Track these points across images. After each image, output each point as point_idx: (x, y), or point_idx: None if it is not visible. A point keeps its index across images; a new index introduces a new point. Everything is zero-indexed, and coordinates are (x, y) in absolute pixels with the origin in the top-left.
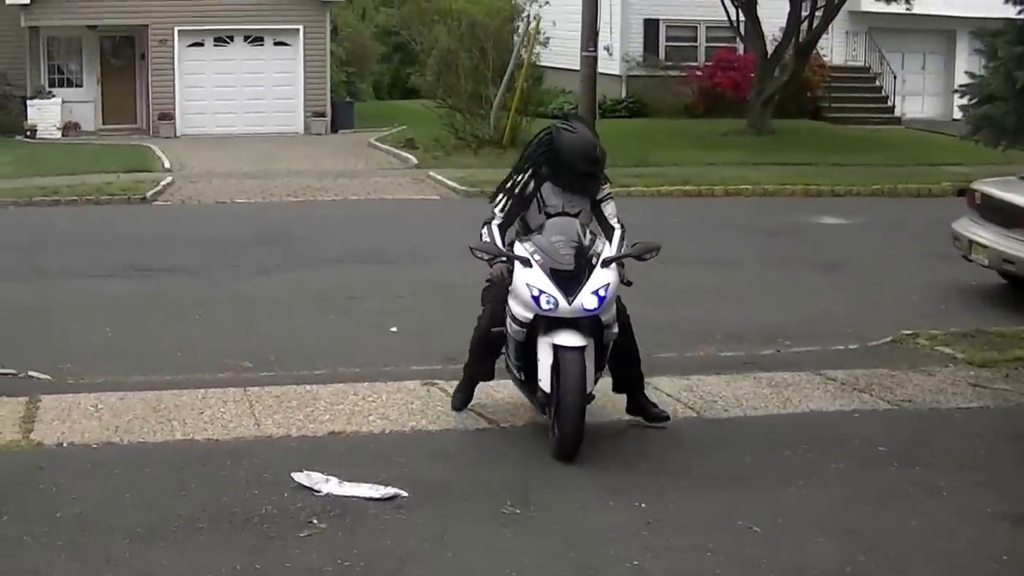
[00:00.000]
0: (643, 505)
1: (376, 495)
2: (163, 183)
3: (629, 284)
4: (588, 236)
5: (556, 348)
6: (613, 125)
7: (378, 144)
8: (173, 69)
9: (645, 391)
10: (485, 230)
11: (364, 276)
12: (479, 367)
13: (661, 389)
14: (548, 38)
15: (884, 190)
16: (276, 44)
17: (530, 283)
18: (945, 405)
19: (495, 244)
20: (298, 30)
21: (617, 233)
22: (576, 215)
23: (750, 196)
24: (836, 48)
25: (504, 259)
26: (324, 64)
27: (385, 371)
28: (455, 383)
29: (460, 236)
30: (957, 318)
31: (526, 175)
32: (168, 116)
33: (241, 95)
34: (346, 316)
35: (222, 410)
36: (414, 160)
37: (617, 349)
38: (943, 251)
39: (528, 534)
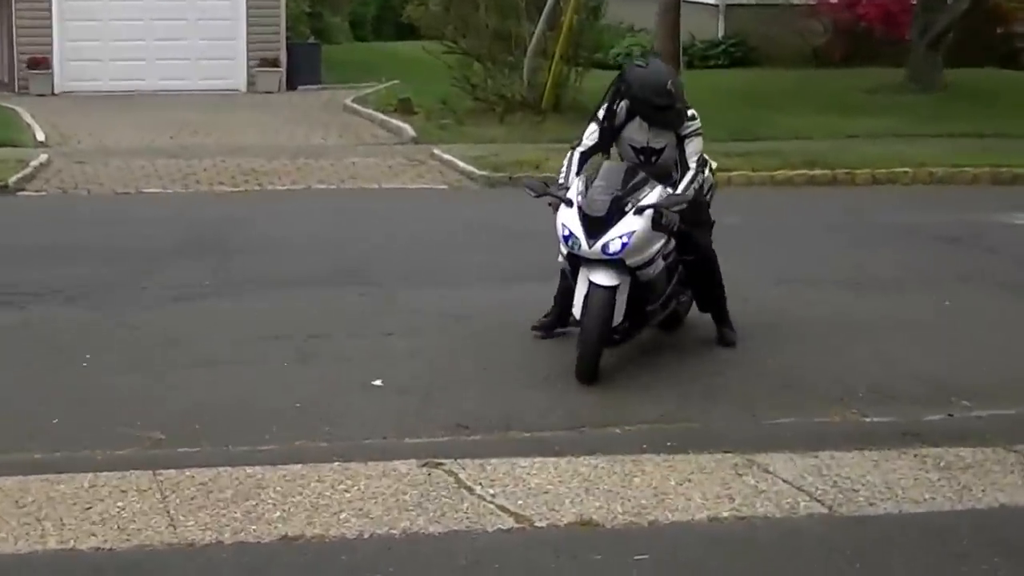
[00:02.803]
0: None
1: None
2: (33, 164)
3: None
4: (637, 179)
5: (590, 282)
6: (706, 78)
7: (357, 107)
8: None
9: (726, 314)
10: (568, 156)
11: (336, 304)
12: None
13: (776, 473)
14: None
15: None
16: None
17: (564, 222)
18: None
19: (565, 175)
20: None
21: (688, 175)
22: (661, 150)
23: (910, 184)
24: None
25: (551, 196)
26: None
27: (365, 445)
28: (467, 462)
29: (479, 244)
30: None
31: (609, 107)
32: (42, 64)
33: (152, 34)
34: (308, 363)
35: (120, 504)
36: (411, 131)
37: (694, 271)
38: None
39: None
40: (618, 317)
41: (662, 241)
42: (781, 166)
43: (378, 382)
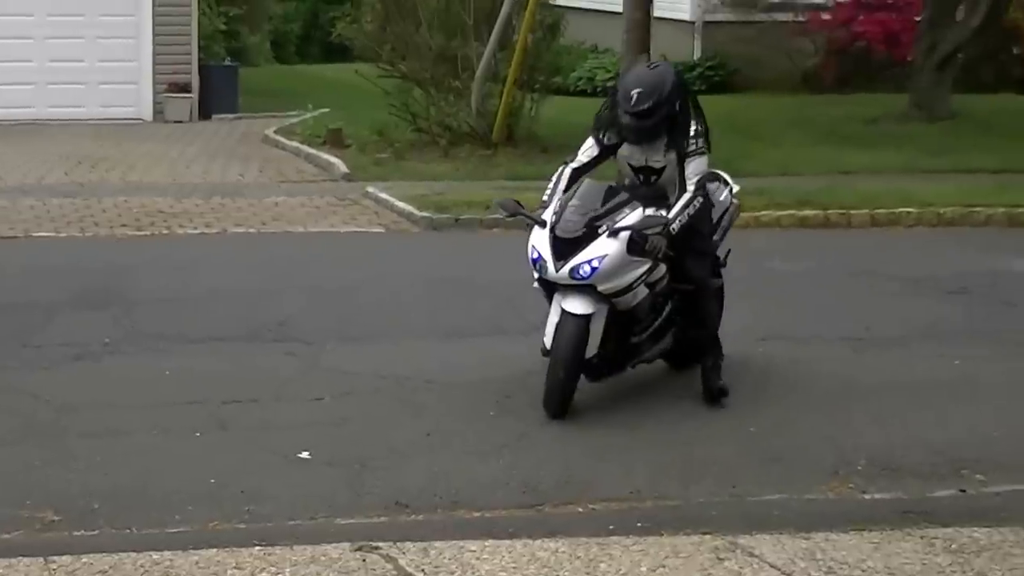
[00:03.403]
0: None
1: None
2: None
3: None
4: (618, 200)
5: (561, 310)
6: None
7: (281, 139)
8: None
9: (717, 364)
10: (558, 172)
11: (257, 364)
12: None
13: (762, 557)
14: None
15: None
16: None
17: (535, 244)
18: None
19: (550, 193)
20: None
21: (684, 198)
22: (660, 170)
23: (914, 226)
24: None
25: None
26: (188, 1)
27: (291, 527)
28: (407, 545)
29: (420, 295)
30: None
31: (605, 119)
32: None
33: (44, 54)
34: (225, 432)
35: None
36: (342, 167)
37: (689, 304)
38: None
39: None
40: (592, 348)
41: (644, 267)
42: (767, 206)
43: (305, 454)
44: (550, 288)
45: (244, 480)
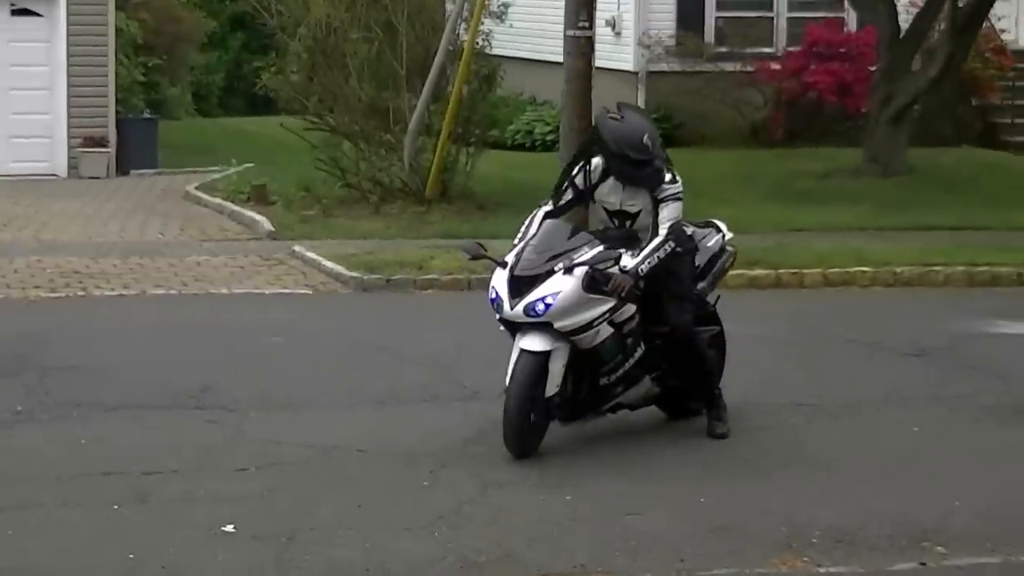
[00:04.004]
0: None
1: None
2: None
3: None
4: (578, 239)
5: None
6: None
7: (203, 196)
8: None
9: (718, 414)
10: (531, 215)
11: (178, 433)
12: None
13: None
14: (507, 5)
15: None
16: (16, 13)
17: (494, 284)
18: None
19: (521, 234)
20: None
21: (655, 241)
22: (636, 214)
23: (870, 286)
24: None
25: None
26: (105, 51)
27: None
28: None
29: (349, 361)
30: None
31: (579, 166)
32: None
33: None
34: (144, 506)
35: None
36: (267, 225)
37: (669, 349)
38: None
39: None
40: (552, 388)
41: (605, 306)
42: None
43: (230, 527)
44: (514, 328)
45: (165, 556)
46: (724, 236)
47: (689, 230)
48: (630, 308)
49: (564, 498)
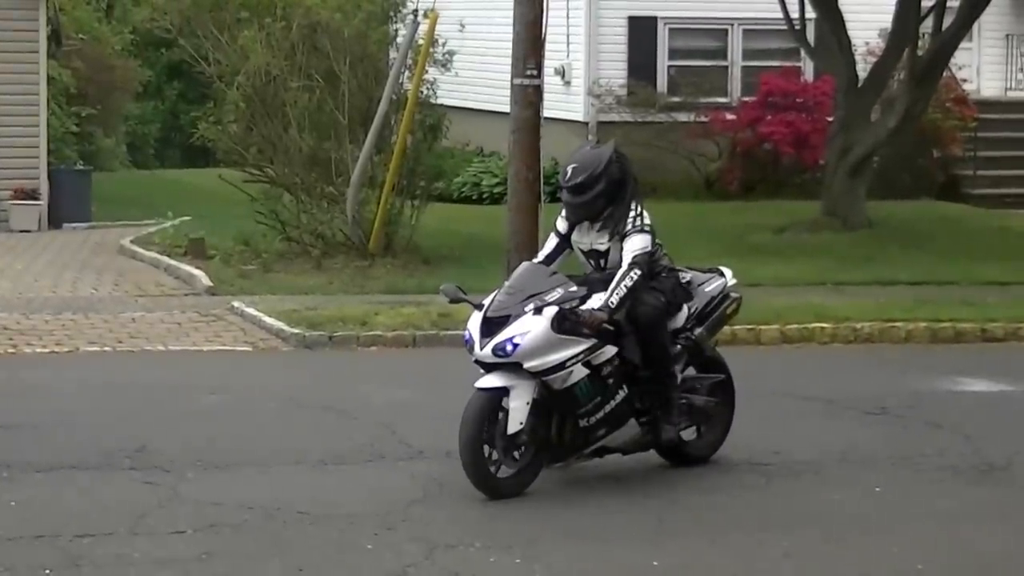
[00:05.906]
0: None
1: None
2: None
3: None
4: (551, 280)
5: None
6: None
7: (138, 250)
8: None
9: (666, 410)
10: (521, 265)
11: (112, 495)
12: None
13: None
14: (452, 53)
15: None
16: None
17: (469, 327)
18: None
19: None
20: None
21: (619, 274)
22: (605, 252)
23: (829, 343)
24: (987, 69)
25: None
26: (37, 100)
27: None
28: None
29: (290, 420)
30: None
31: (560, 213)
32: None
33: None
34: (76, 570)
35: None
36: (205, 280)
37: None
38: None
39: None
40: (514, 425)
41: (579, 347)
42: None
43: None
44: (489, 369)
45: None
46: (727, 282)
47: (688, 275)
48: (610, 350)
49: (513, 561)
